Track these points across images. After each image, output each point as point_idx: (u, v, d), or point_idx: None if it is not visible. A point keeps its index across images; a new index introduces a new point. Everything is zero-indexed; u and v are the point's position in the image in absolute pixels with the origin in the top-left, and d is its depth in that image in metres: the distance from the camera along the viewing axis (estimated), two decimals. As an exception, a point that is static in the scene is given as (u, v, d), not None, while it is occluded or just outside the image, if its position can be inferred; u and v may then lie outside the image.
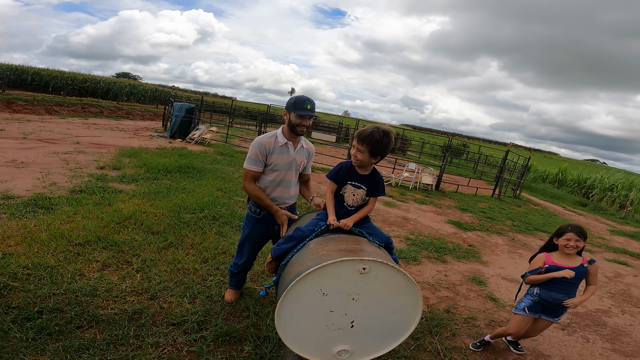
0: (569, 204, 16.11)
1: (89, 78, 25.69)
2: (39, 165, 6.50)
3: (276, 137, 2.49)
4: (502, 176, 12.30)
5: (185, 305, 2.68)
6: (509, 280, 4.76)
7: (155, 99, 29.66)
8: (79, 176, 6.02)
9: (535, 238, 7.59)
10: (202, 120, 15.40)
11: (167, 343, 2.24)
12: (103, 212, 4.32)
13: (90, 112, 18.19)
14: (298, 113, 2.38)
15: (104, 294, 2.65)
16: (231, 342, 2.36)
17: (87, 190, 5.20)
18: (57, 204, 4.48)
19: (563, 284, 2.62)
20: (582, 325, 3.81)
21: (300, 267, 1.71)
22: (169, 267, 3.25)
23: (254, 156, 2.45)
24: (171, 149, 10.17)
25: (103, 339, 2.17)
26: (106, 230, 3.79)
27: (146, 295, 2.74)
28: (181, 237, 3.98)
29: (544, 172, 23.94)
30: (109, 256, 3.28)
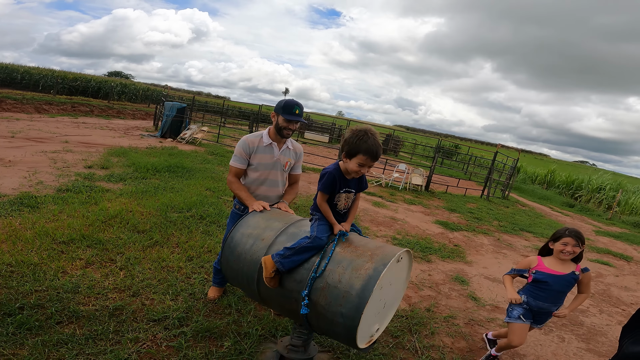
0: (557, 205, 16.35)
1: (80, 77, 25.45)
2: (26, 164, 6.47)
3: (261, 138, 2.56)
4: (491, 177, 12.46)
5: (167, 302, 2.72)
6: (491, 280, 4.86)
7: (147, 98, 29.46)
8: (66, 175, 6.00)
9: (520, 238, 7.72)
10: (194, 120, 15.37)
11: (146, 338, 2.28)
12: (89, 211, 4.33)
13: (80, 111, 18.04)
14: (286, 117, 2.44)
15: (86, 291, 2.68)
16: (211, 337, 2.41)
17: (73, 189, 5.20)
18: (43, 202, 4.48)
19: (550, 292, 2.53)
20: (558, 324, 3.89)
21: (360, 271, 1.73)
22: (153, 265, 3.28)
23: (238, 154, 2.53)
24: (161, 149, 10.15)
25: (82, 334, 2.21)
26: (91, 229, 3.81)
27: (128, 292, 2.78)
28: (167, 236, 4.01)
29: (534, 173, 24.25)
30: (93, 254, 3.30)
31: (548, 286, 2.53)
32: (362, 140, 1.86)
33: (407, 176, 11.23)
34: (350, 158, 1.91)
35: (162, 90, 23.47)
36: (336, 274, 1.76)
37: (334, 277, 1.76)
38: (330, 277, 1.77)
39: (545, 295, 2.55)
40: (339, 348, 2.56)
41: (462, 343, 3.10)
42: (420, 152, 29.07)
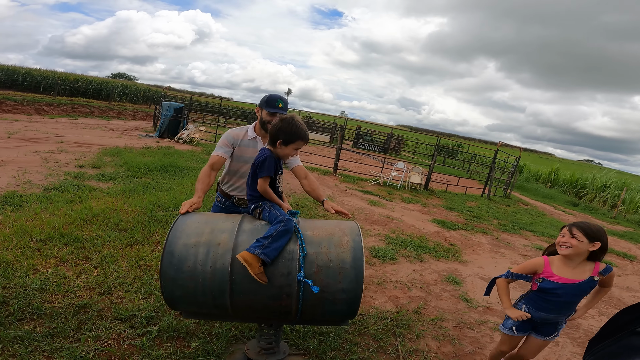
0: (560, 203, 16.12)
1: (81, 78, 25.58)
2: (18, 163, 6.43)
3: (246, 131, 2.52)
4: (491, 175, 12.29)
5: (138, 300, 2.62)
6: (485, 280, 4.71)
7: (149, 99, 29.57)
8: (56, 174, 5.95)
9: (520, 237, 7.55)
10: (192, 120, 15.33)
11: (108, 337, 2.21)
12: (72, 210, 4.26)
13: (81, 112, 18.09)
14: (269, 110, 2.39)
15: (54, 289, 2.61)
16: (179, 337, 2.31)
17: (60, 188, 5.14)
18: (27, 201, 4.42)
19: (557, 303, 2.11)
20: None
21: (343, 245, 1.84)
22: (130, 264, 3.19)
23: (221, 143, 2.46)
24: (157, 148, 10.09)
25: (42, 331, 2.15)
26: (71, 227, 3.73)
27: (99, 290, 2.69)
28: (149, 234, 3.92)
29: (537, 172, 23.98)
30: (69, 252, 3.22)
31: (557, 297, 2.08)
32: (298, 128, 1.97)
33: (405, 175, 11.09)
34: (287, 145, 1.99)
35: (162, 91, 23.50)
36: (323, 254, 1.78)
37: (323, 258, 1.78)
38: (319, 259, 1.78)
39: (551, 306, 2.12)
40: (315, 351, 2.44)
41: (449, 347, 2.96)
42: (423, 151, 28.89)
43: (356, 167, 12.67)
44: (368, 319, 3.12)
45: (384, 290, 3.78)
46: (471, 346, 3.06)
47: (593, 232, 1.98)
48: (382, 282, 3.97)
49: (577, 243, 1.98)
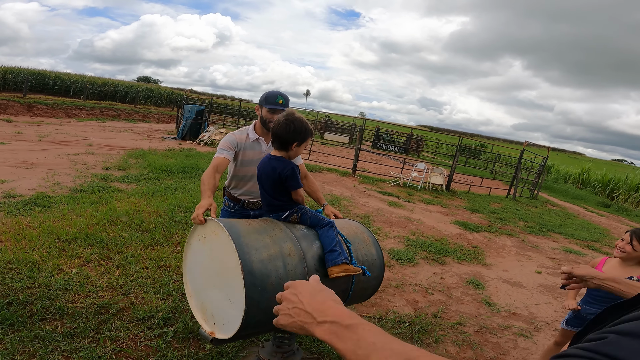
0: (592, 204, 15.45)
1: (108, 82, 26.51)
2: (47, 166, 6.70)
3: (247, 134, 2.43)
4: (517, 176, 11.90)
5: (156, 301, 2.67)
6: (510, 284, 4.55)
7: (172, 102, 30.31)
8: (83, 176, 6.16)
9: (548, 240, 7.26)
10: (213, 122, 15.60)
11: (126, 337, 2.24)
12: (97, 211, 4.39)
13: (108, 115, 18.74)
14: (269, 107, 2.31)
15: (77, 289, 2.68)
16: (194, 339, 2.33)
17: (87, 189, 5.31)
18: (55, 202, 4.59)
19: (600, 298, 2.28)
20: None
21: (367, 241, 2.17)
22: (150, 264, 3.25)
23: (223, 146, 2.36)
24: (179, 151, 10.31)
25: (63, 331, 2.19)
26: (96, 228, 3.84)
27: (120, 290, 2.75)
28: (170, 235, 3.99)
29: (566, 172, 23.08)
30: (93, 252, 3.31)
31: (598, 290, 2.23)
32: (306, 124, 1.92)
33: (426, 175, 10.89)
34: (301, 145, 1.91)
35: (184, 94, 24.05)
36: (359, 250, 2.03)
37: (360, 252, 2.03)
38: (358, 253, 2.00)
39: (594, 300, 2.32)
40: (329, 355, 2.41)
41: (469, 353, 2.87)
42: (444, 151, 28.33)
43: (375, 168, 12.54)
44: (385, 322, 3.06)
45: (402, 294, 3.70)
46: (493, 352, 2.95)
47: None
48: (401, 285, 3.90)
49: (630, 250, 2.16)
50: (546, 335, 3.41)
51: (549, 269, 5.39)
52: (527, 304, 4.04)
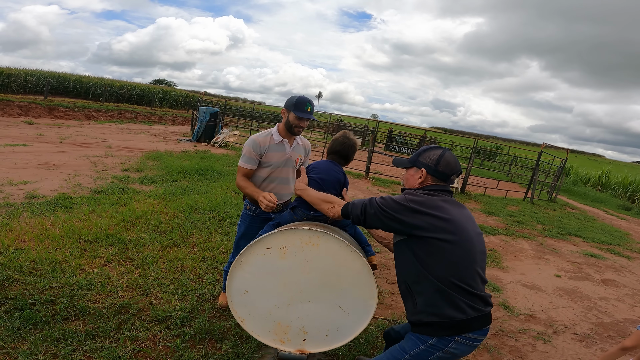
0: (612, 207, 15.02)
1: (125, 85, 27.08)
2: (69, 167, 6.89)
3: (271, 136, 2.49)
4: (535, 178, 11.67)
5: (174, 302, 2.71)
6: (528, 288, 4.47)
7: (187, 104, 30.78)
8: (103, 178, 6.31)
9: (567, 243, 7.10)
10: (227, 124, 15.78)
11: (145, 337, 2.28)
12: (117, 212, 4.49)
13: (126, 118, 19.15)
14: (298, 114, 2.35)
15: (99, 289, 2.74)
16: (211, 340, 2.36)
17: (107, 190, 5.44)
18: (76, 203, 4.71)
19: None
20: (604, 336, 3.50)
21: None
22: (168, 265, 3.31)
23: (247, 154, 2.45)
24: (195, 152, 10.46)
25: (85, 330, 2.24)
26: (116, 229, 3.92)
27: (139, 290, 2.81)
28: (186, 236, 4.05)
29: (586, 174, 22.52)
30: (113, 253, 3.38)
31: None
32: None
33: (441, 177, 10.76)
34: None
35: (198, 96, 24.40)
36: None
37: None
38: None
39: None
40: (344, 357, 2.41)
41: (486, 356, 2.83)
42: (459, 153, 27.97)
43: (389, 170, 12.47)
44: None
45: (418, 298, 3.68)
46: (510, 355, 2.91)
47: None
48: (416, 288, 3.87)
49: None
50: (566, 338, 3.35)
51: (569, 273, 5.27)
52: (546, 308, 3.97)
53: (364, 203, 1.63)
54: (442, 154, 1.67)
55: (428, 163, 1.67)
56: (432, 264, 1.51)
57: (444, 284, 1.49)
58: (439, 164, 1.66)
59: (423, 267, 1.52)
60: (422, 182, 1.68)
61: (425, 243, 1.52)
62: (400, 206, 1.55)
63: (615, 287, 4.98)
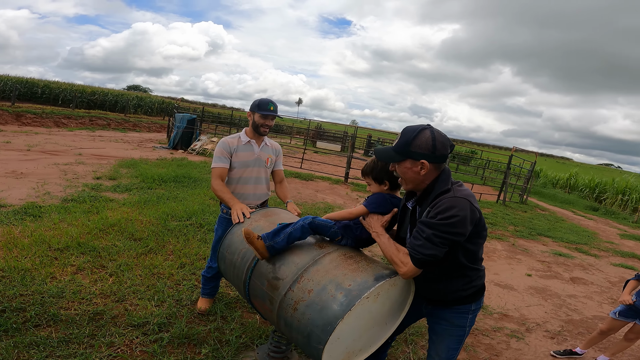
0: (580, 208, 15.72)
1: (97, 90, 26.34)
2: (37, 175, 6.63)
3: (239, 137, 2.63)
4: (506, 181, 12.09)
5: (151, 308, 2.67)
6: (501, 287, 4.62)
7: (163, 110, 30.20)
8: (74, 186, 6.11)
9: (537, 243, 7.38)
10: (205, 131, 15.59)
11: (121, 343, 2.24)
12: (89, 220, 4.36)
13: (98, 125, 18.60)
14: (262, 113, 2.52)
15: (71, 296, 2.67)
16: (190, 344, 2.34)
17: (78, 199, 5.27)
18: (46, 212, 4.55)
19: None
20: (574, 333, 3.65)
21: None
22: (144, 272, 3.24)
23: (219, 154, 2.56)
24: (171, 160, 10.28)
25: (57, 337, 2.20)
26: (88, 237, 3.82)
27: (114, 297, 2.75)
28: (163, 244, 3.98)
29: (555, 177, 23.49)
30: (85, 261, 3.29)
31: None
32: None
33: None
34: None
35: (175, 102, 24.02)
36: None
37: None
38: None
39: None
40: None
41: (463, 355, 2.91)
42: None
43: (368, 175, 12.63)
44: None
45: (396, 298, 3.74)
46: (486, 353, 3.01)
47: None
48: (394, 289, 3.94)
49: None
50: (538, 336, 3.47)
51: (539, 272, 5.48)
52: (519, 306, 4.11)
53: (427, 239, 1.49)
54: (433, 137, 1.52)
55: (425, 152, 1.51)
56: (475, 251, 1.62)
57: (478, 264, 1.69)
58: (437, 149, 1.51)
59: (467, 255, 1.59)
60: (426, 173, 1.54)
61: (476, 236, 1.58)
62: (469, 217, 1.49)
63: (583, 285, 5.20)
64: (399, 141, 1.57)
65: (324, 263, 1.65)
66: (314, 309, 1.53)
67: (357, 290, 1.50)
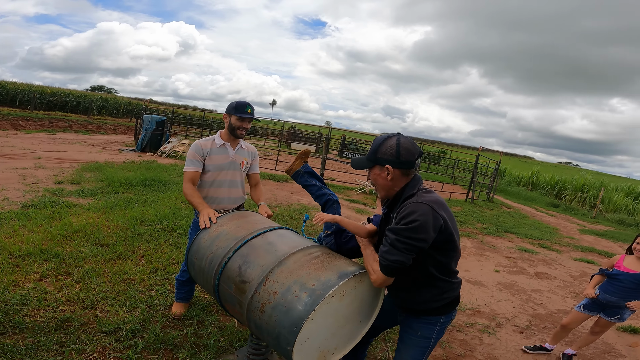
0: (542, 205, 16.48)
1: (58, 91, 25.03)
2: (-7, 180, 6.22)
3: (213, 140, 2.56)
4: (474, 180, 12.52)
5: (122, 314, 2.57)
6: (472, 283, 4.75)
7: (129, 112, 29.11)
8: (34, 191, 5.78)
9: (504, 240, 7.67)
10: (175, 133, 15.19)
11: (93, 350, 2.17)
12: (51, 226, 4.14)
13: (59, 127, 17.67)
14: (239, 115, 2.46)
15: (36, 304, 2.56)
16: (166, 349, 2.27)
17: (39, 204, 4.99)
18: (5, 218, 4.28)
19: (620, 288, 2.75)
20: (541, 327, 3.78)
21: None
22: (113, 278, 3.12)
23: (191, 157, 2.49)
24: (139, 163, 9.93)
25: (25, 345, 2.12)
26: (51, 243, 3.63)
27: (81, 304, 2.64)
28: (132, 249, 3.84)
29: (518, 175, 24.53)
30: (49, 268, 3.13)
31: (619, 282, 2.75)
32: None
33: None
34: None
35: (143, 104, 23.22)
36: None
37: None
38: None
39: (614, 289, 2.78)
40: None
41: (439, 351, 2.98)
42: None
43: (342, 177, 12.73)
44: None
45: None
46: (461, 349, 3.08)
47: None
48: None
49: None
50: (507, 331, 3.57)
51: (506, 268, 5.69)
52: (489, 302, 4.23)
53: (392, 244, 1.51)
54: (398, 143, 1.57)
55: (389, 157, 1.57)
56: (447, 263, 1.62)
57: (450, 276, 1.65)
58: (401, 155, 1.56)
59: (437, 266, 1.60)
60: (392, 178, 1.59)
61: (444, 246, 1.57)
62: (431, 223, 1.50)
63: (547, 280, 5.43)
64: (369, 149, 1.66)
65: (288, 264, 1.66)
66: (280, 310, 1.52)
67: (320, 289, 1.51)
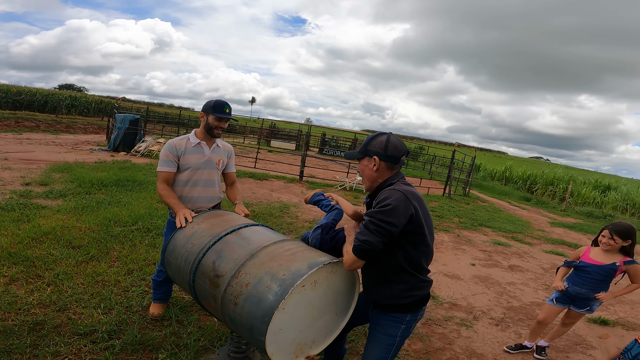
0: (515, 199, 17.00)
1: (24, 90, 23.90)
2: (-46, 183, 5.88)
3: (188, 139, 2.51)
4: (450, 175, 12.79)
5: (97, 316, 2.49)
6: (450, 277, 4.82)
7: (101, 111, 28.10)
8: (0, 193, 5.50)
9: (479, 234, 7.84)
10: (150, 132, 14.78)
11: (68, 352, 2.11)
12: (20, 229, 3.96)
13: (25, 127, 16.88)
14: (217, 115, 2.42)
15: (6, 307, 2.47)
16: (145, 350, 2.22)
17: (6, 207, 4.75)
18: (-32, 222, 4.06)
19: (587, 279, 2.78)
20: (515, 319, 3.86)
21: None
22: (86, 280, 3.02)
23: (164, 157, 2.43)
24: (112, 163, 9.61)
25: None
26: (19, 246, 3.48)
27: (54, 307, 2.56)
28: (106, 250, 3.72)
29: (493, 170, 25.23)
30: (18, 271, 3.01)
31: (586, 274, 2.77)
32: None
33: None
34: None
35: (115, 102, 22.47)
36: None
37: None
38: None
39: (582, 281, 2.81)
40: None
41: (419, 344, 3.02)
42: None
43: (322, 174, 12.73)
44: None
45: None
46: (440, 342, 3.12)
47: (628, 233, 2.64)
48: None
49: (614, 244, 2.66)
50: (484, 324, 3.64)
51: (482, 261, 5.82)
52: (465, 295, 4.30)
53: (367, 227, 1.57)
54: (388, 139, 1.73)
55: (378, 150, 1.71)
56: (417, 258, 1.66)
57: (419, 272, 1.69)
58: (388, 149, 1.71)
59: (407, 259, 1.64)
60: (378, 169, 1.72)
61: (414, 237, 1.62)
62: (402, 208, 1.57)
63: (520, 272, 5.57)
64: (362, 144, 1.81)
65: (261, 256, 1.69)
66: (252, 301, 1.55)
67: (290, 279, 1.53)
